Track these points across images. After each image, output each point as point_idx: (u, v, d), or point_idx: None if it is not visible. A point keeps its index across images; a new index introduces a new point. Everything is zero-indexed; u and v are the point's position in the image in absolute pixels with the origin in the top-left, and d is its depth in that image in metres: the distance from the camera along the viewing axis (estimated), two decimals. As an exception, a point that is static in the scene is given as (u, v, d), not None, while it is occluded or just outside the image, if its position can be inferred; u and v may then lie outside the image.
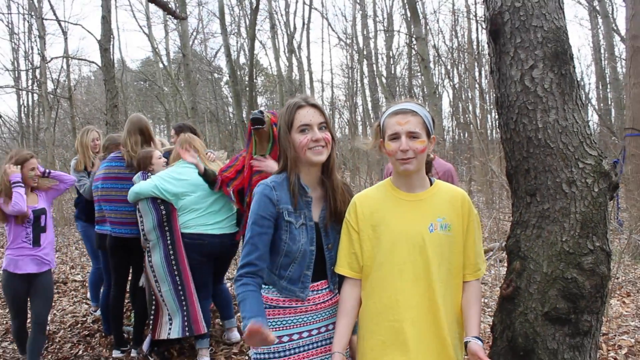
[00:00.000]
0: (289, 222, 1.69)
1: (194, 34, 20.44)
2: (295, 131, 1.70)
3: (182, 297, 3.36)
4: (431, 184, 1.75)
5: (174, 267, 3.35)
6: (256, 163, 3.16)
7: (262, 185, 1.72)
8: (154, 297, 3.48)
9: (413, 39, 11.27)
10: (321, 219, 1.77)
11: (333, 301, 1.79)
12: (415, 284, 1.62)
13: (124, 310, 4.01)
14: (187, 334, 3.38)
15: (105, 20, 7.34)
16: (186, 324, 3.35)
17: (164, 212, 3.40)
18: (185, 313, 3.35)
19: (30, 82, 18.13)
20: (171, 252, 3.35)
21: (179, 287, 3.35)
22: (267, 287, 1.77)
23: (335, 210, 1.77)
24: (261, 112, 3.22)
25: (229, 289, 4.23)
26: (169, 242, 3.37)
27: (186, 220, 3.43)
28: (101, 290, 4.27)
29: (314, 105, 1.73)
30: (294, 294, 1.72)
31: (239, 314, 4.16)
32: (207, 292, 3.56)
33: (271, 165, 3.08)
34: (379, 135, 1.75)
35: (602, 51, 15.04)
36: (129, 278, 3.90)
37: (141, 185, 3.41)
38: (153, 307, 3.49)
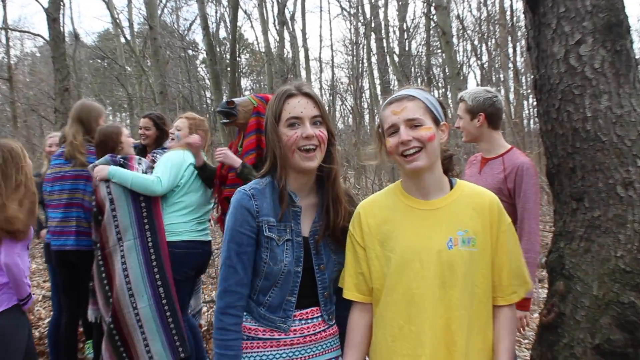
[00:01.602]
0: (269, 238, 1.69)
1: (164, 1, 20.45)
2: (283, 125, 1.70)
3: (168, 314, 3.31)
4: (452, 187, 1.72)
5: (157, 277, 3.30)
6: (217, 153, 3.29)
7: (240, 193, 1.73)
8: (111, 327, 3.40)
9: (432, 8, 11.30)
10: (312, 233, 1.76)
11: (327, 334, 1.78)
12: (431, 312, 1.61)
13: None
14: (183, 354, 3.33)
15: (54, -17, 7.33)
16: (178, 344, 3.30)
17: (143, 204, 3.35)
18: (174, 332, 3.31)
19: (-39, 59, 18.10)
20: (153, 257, 3.30)
21: (163, 301, 3.30)
22: (244, 314, 1.76)
23: (333, 226, 1.76)
24: (228, 102, 3.27)
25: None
26: (150, 243, 3.31)
27: (183, 222, 3.43)
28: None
29: (308, 95, 1.72)
30: (274, 324, 1.71)
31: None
32: (186, 312, 3.58)
33: (230, 156, 3.20)
34: (382, 136, 1.72)
35: (665, 23, 15.05)
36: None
37: (147, 182, 3.32)
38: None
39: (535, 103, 2.02)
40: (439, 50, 18.76)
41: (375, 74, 18.05)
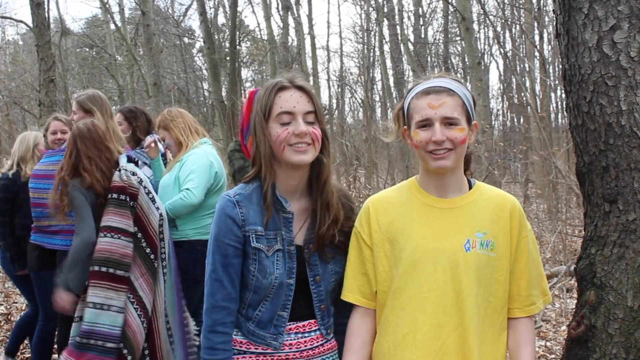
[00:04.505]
0: (256, 249, 1.69)
1: (157, -16, 20.51)
2: (273, 120, 1.70)
3: (185, 323, 3.35)
4: (470, 187, 1.75)
5: (177, 286, 3.33)
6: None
7: (224, 199, 1.74)
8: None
9: (451, -8, 11.28)
10: (306, 242, 1.77)
11: (325, 348, 1.80)
12: (442, 318, 1.62)
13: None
14: None
15: (39, -35, 7.37)
16: (193, 357, 3.33)
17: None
18: (188, 343, 3.33)
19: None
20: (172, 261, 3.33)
21: (183, 308, 3.35)
22: (234, 329, 1.78)
23: (324, 233, 1.76)
24: None
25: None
26: (164, 251, 3.28)
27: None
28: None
29: (302, 88, 1.73)
30: (264, 341, 1.73)
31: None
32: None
33: None
34: (403, 121, 1.75)
35: None
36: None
37: (180, 202, 3.40)
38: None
39: (564, 95, 2.01)
40: (457, 38, 18.75)
41: (388, 63, 18.04)
